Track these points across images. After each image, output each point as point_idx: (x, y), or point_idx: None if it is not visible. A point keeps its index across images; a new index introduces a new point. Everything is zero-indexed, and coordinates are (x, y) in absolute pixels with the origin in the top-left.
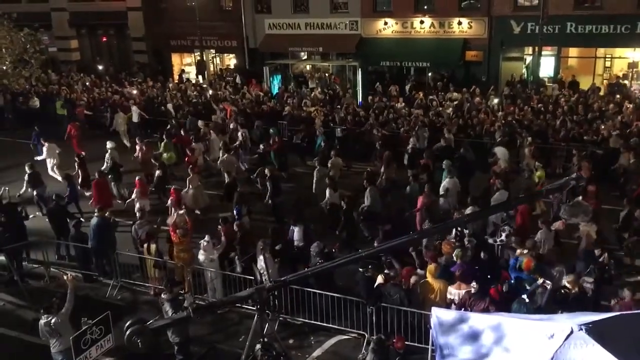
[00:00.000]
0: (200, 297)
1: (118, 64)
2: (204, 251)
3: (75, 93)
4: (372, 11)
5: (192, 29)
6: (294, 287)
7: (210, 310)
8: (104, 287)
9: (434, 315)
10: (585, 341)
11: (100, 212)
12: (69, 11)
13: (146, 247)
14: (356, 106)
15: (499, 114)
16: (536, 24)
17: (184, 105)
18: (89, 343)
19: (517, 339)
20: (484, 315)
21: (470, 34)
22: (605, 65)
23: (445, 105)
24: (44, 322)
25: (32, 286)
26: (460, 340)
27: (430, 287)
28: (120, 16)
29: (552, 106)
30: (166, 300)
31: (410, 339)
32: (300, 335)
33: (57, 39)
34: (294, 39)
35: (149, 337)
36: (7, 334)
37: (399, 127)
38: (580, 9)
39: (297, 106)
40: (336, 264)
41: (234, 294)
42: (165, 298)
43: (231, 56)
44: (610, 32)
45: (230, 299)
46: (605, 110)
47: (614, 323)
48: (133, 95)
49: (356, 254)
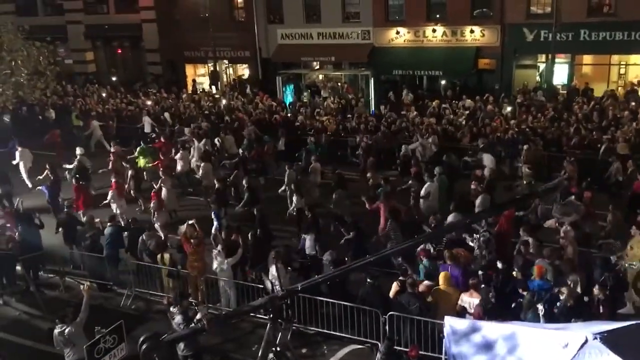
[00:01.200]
0: (213, 307)
1: (132, 76)
2: (216, 259)
3: (90, 104)
4: (384, 20)
5: (206, 40)
6: (306, 296)
7: (225, 321)
8: (118, 297)
9: (447, 324)
10: (600, 350)
11: (112, 221)
12: (85, 24)
13: (160, 257)
14: (368, 115)
15: (512, 122)
16: (549, 31)
17: (197, 116)
18: (103, 352)
19: (531, 349)
20: (498, 325)
21: (482, 42)
22: (620, 72)
23: (458, 114)
24: (58, 332)
25: (47, 296)
26: (474, 349)
27: (444, 294)
28: (135, 28)
29: (566, 114)
30: (177, 314)
31: (423, 348)
32: (313, 345)
33: (72, 51)
34: (307, 49)
35: (165, 351)
36: (23, 343)
37: (411, 135)
38: (593, 16)
39: (310, 116)
40: (344, 269)
41: (248, 304)
42: (176, 311)
43: (244, 66)
44: (625, 39)
45: (243, 308)
46: (620, 117)
47: (629, 332)
48: (147, 105)
49: (364, 259)
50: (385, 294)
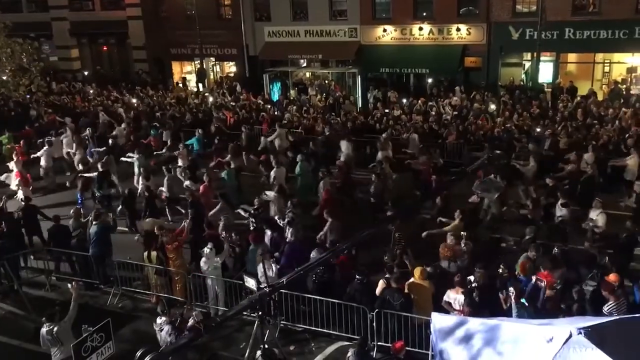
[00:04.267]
0: (201, 305)
1: (118, 73)
2: (207, 259)
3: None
4: (371, 18)
5: (192, 38)
6: (294, 294)
7: (221, 325)
8: (104, 295)
9: (434, 320)
10: (585, 345)
11: (97, 219)
12: (70, 20)
13: (146, 254)
14: (356, 113)
15: (498, 119)
16: (535, 30)
17: (185, 113)
18: (90, 350)
19: (516, 343)
20: (483, 320)
21: (469, 40)
22: (604, 70)
23: (445, 111)
24: (46, 330)
25: (32, 295)
26: (460, 345)
27: (417, 287)
28: (121, 25)
29: (551, 112)
30: (164, 324)
31: (411, 344)
32: (301, 342)
33: (57, 48)
34: (294, 47)
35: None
36: (9, 342)
37: (398, 133)
38: (578, 15)
39: (298, 114)
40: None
41: (240, 303)
42: (163, 322)
43: (231, 64)
44: (609, 37)
45: (236, 309)
46: (604, 115)
47: (613, 327)
48: (132, 104)
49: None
50: (373, 292)
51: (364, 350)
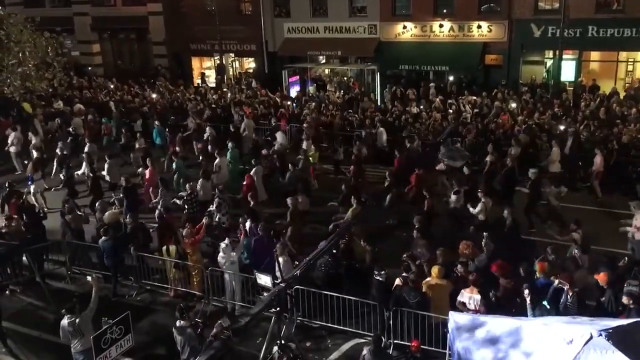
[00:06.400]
0: (217, 299)
1: (139, 68)
2: (224, 254)
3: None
4: (391, 15)
5: (212, 33)
6: (311, 290)
7: (247, 327)
8: (123, 288)
9: (452, 319)
10: (605, 347)
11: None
12: (91, 16)
13: (165, 249)
14: (374, 110)
15: (519, 118)
16: (557, 27)
17: (204, 109)
18: (109, 342)
19: (536, 344)
20: (502, 319)
21: (490, 37)
22: (628, 69)
23: (465, 109)
24: (67, 322)
25: (53, 287)
26: (478, 344)
27: (434, 286)
28: (141, 20)
29: (573, 110)
30: (187, 327)
31: (427, 343)
32: (318, 338)
33: (79, 43)
34: (313, 43)
35: None
36: (29, 333)
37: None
38: (601, 13)
39: (317, 110)
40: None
41: (260, 300)
42: (184, 325)
43: (250, 60)
44: (633, 35)
45: (260, 307)
46: (627, 115)
47: (634, 329)
48: (152, 98)
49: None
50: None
51: (380, 347)
